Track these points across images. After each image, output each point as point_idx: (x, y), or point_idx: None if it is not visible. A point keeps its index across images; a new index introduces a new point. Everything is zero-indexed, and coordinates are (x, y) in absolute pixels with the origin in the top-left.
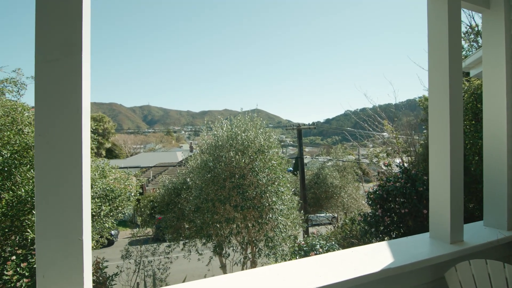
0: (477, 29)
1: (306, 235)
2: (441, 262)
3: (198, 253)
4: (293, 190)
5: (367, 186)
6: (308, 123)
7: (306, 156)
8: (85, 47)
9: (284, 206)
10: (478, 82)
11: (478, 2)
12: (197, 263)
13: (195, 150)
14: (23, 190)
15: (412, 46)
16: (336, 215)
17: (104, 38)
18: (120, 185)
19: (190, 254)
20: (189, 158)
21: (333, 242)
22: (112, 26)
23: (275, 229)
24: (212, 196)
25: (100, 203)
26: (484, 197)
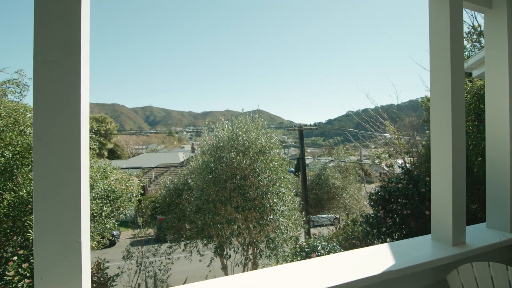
0: (479, 29)
1: (308, 236)
2: (443, 264)
3: (199, 254)
4: (294, 191)
5: (369, 187)
6: (309, 124)
7: (307, 157)
8: (84, 48)
9: (285, 207)
10: (480, 82)
11: (480, 2)
12: (198, 264)
13: (197, 151)
14: (25, 191)
15: (414, 47)
16: (337, 216)
17: (106, 39)
18: (121, 186)
19: (191, 255)
20: (190, 159)
21: (334, 244)
22: (114, 27)
23: (276, 230)
24: (213, 197)
25: (101, 204)
26: (487, 198)
